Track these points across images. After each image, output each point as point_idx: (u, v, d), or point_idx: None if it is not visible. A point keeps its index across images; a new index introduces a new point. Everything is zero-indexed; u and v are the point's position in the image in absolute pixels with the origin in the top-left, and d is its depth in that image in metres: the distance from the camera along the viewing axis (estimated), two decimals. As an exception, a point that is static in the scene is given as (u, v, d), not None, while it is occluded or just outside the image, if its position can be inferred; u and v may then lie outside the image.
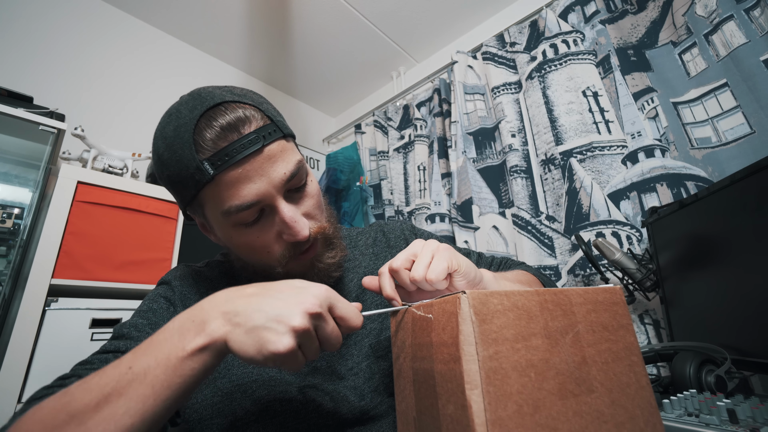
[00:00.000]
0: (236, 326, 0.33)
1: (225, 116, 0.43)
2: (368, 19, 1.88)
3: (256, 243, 0.48)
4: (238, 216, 0.45)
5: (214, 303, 0.36)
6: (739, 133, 1.03)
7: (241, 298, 0.35)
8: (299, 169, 0.47)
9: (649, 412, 0.32)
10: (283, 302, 0.34)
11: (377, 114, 2.18)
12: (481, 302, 0.29)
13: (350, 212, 2.04)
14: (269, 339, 0.32)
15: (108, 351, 0.47)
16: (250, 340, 0.32)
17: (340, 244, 0.55)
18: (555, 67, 1.43)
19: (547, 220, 1.38)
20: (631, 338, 0.34)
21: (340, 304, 0.36)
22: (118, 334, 0.49)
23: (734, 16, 1.07)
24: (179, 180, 0.45)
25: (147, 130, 1.74)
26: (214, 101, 0.44)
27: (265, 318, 0.33)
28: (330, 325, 0.35)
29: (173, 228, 1.34)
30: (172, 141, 0.44)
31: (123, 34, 1.77)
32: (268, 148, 0.45)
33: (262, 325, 0.32)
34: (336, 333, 0.36)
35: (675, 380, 0.64)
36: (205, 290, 0.56)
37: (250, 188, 0.44)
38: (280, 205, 0.46)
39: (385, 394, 0.54)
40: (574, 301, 0.33)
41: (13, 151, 1.22)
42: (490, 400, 0.26)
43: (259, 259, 0.50)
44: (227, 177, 0.43)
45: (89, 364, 0.45)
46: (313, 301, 0.34)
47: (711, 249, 0.75)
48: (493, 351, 0.28)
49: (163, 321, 0.50)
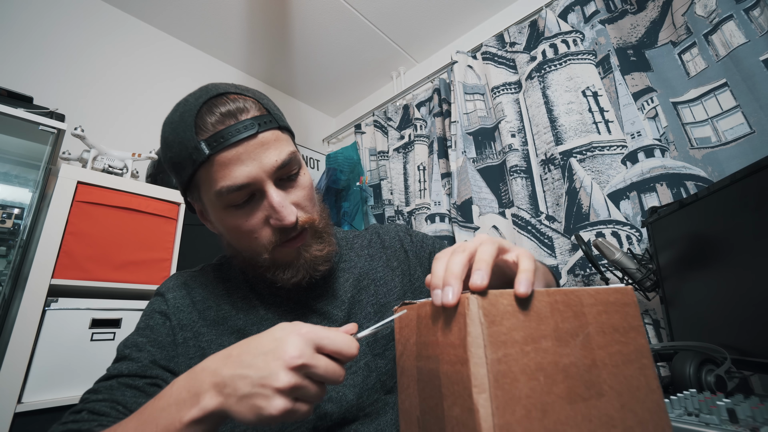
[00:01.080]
0: (228, 397, 0.34)
1: (226, 105, 0.47)
2: (368, 19, 1.88)
3: (244, 226, 0.48)
4: (229, 197, 0.47)
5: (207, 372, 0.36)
6: (739, 133, 1.03)
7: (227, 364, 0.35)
8: (291, 159, 0.49)
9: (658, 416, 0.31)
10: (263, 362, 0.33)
11: (377, 114, 2.18)
12: (490, 303, 0.28)
13: (350, 212, 2.04)
14: (260, 405, 0.32)
15: (112, 376, 0.49)
16: (244, 408, 0.33)
17: (329, 240, 0.56)
18: (555, 67, 1.43)
19: (547, 220, 1.38)
20: (642, 340, 0.33)
21: (327, 341, 0.35)
22: (121, 356, 0.51)
23: (734, 16, 1.07)
24: (179, 161, 0.48)
25: (147, 130, 1.74)
26: (218, 91, 0.48)
27: (250, 385, 0.33)
28: (321, 366, 0.34)
29: (173, 228, 1.34)
30: (177, 125, 0.48)
31: (123, 34, 1.77)
32: (263, 135, 0.47)
33: (249, 393, 0.33)
34: (332, 369, 0.35)
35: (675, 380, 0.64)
36: (199, 298, 0.57)
37: (242, 170, 0.46)
38: (269, 190, 0.47)
39: (381, 391, 0.54)
40: (585, 302, 0.32)
41: (13, 151, 1.22)
42: (498, 405, 0.25)
43: (247, 244, 0.51)
44: (221, 158, 0.45)
45: (97, 393, 0.47)
46: (292, 353, 0.33)
47: (711, 249, 0.75)
48: (502, 354, 0.27)
49: (162, 337, 0.52)
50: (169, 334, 0.53)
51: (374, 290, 0.61)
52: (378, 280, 0.62)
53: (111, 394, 0.46)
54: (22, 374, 0.96)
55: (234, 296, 0.58)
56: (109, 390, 0.47)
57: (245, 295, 0.58)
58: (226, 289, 0.59)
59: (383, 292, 0.61)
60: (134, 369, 0.49)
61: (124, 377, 0.48)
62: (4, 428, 0.91)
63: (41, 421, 0.97)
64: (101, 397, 0.46)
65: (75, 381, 1.04)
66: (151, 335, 0.53)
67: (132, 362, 0.50)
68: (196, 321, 0.55)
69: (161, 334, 0.53)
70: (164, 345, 0.52)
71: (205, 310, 0.56)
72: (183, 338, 0.53)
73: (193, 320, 0.55)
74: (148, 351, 0.51)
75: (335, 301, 0.58)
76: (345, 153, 2.21)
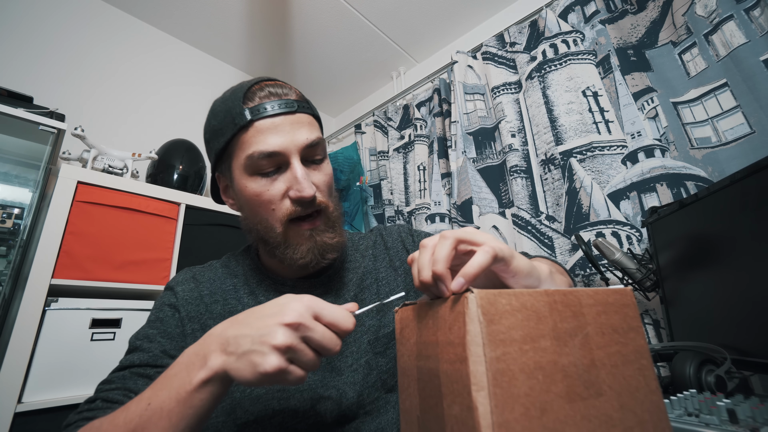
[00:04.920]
0: (230, 355, 0.36)
1: (274, 86, 0.54)
2: (368, 19, 1.88)
3: (266, 195, 0.52)
4: (259, 162, 0.51)
5: (214, 335, 0.38)
6: (739, 133, 1.03)
7: (233, 326, 0.38)
8: (319, 142, 0.54)
9: (658, 417, 0.32)
10: (263, 322, 0.36)
11: (377, 114, 2.18)
12: (489, 302, 0.28)
13: (350, 212, 2.04)
14: (257, 362, 0.34)
15: (125, 367, 0.51)
16: (243, 365, 0.35)
17: (341, 231, 0.58)
18: (555, 67, 1.43)
19: (547, 220, 1.38)
20: (641, 341, 0.34)
21: (325, 312, 0.37)
22: (133, 347, 0.53)
23: (734, 16, 1.07)
24: (221, 127, 0.53)
25: (147, 130, 1.74)
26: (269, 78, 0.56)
27: (250, 342, 0.35)
28: (318, 331, 0.36)
29: (173, 228, 1.34)
30: (227, 97, 0.54)
31: (123, 34, 1.77)
32: (299, 115, 0.53)
33: (249, 349, 0.35)
34: (328, 336, 0.36)
35: (675, 380, 0.64)
36: (207, 292, 0.59)
37: (275, 139, 0.51)
38: (295, 163, 0.52)
39: (382, 390, 0.55)
40: (584, 302, 0.32)
41: (13, 151, 1.22)
42: (497, 403, 0.25)
43: (265, 215, 0.54)
44: (260, 125, 0.51)
45: (110, 383, 0.49)
46: (291, 314, 0.35)
47: (711, 249, 0.75)
48: (501, 352, 0.27)
49: (171, 328, 0.55)
50: (178, 326, 0.55)
51: (377, 289, 0.63)
52: (381, 279, 0.64)
53: (123, 383, 0.49)
54: (22, 374, 0.96)
55: (240, 292, 0.60)
56: (121, 380, 0.49)
57: (252, 290, 0.60)
58: (233, 284, 0.61)
59: (385, 291, 0.63)
60: (145, 359, 0.51)
61: (135, 367, 0.50)
62: (4, 428, 0.91)
63: (41, 421, 0.97)
64: (114, 387, 0.48)
65: (75, 381, 1.04)
66: (161, 327, 0.55)
67: (143, 353, 0.51)
68: (203, 314, 0.57)
69: (171, 326, 0.55)
70: (174, 336, 0.54)
71: (212, 304, 0.58)
72: (191, 329, 0.55)
73: (201, 313, 0.57)
74: (158, 342, 0.53)
75: (339, 299, 0.60)
76: (345, 153, 2.21)
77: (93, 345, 1.09)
